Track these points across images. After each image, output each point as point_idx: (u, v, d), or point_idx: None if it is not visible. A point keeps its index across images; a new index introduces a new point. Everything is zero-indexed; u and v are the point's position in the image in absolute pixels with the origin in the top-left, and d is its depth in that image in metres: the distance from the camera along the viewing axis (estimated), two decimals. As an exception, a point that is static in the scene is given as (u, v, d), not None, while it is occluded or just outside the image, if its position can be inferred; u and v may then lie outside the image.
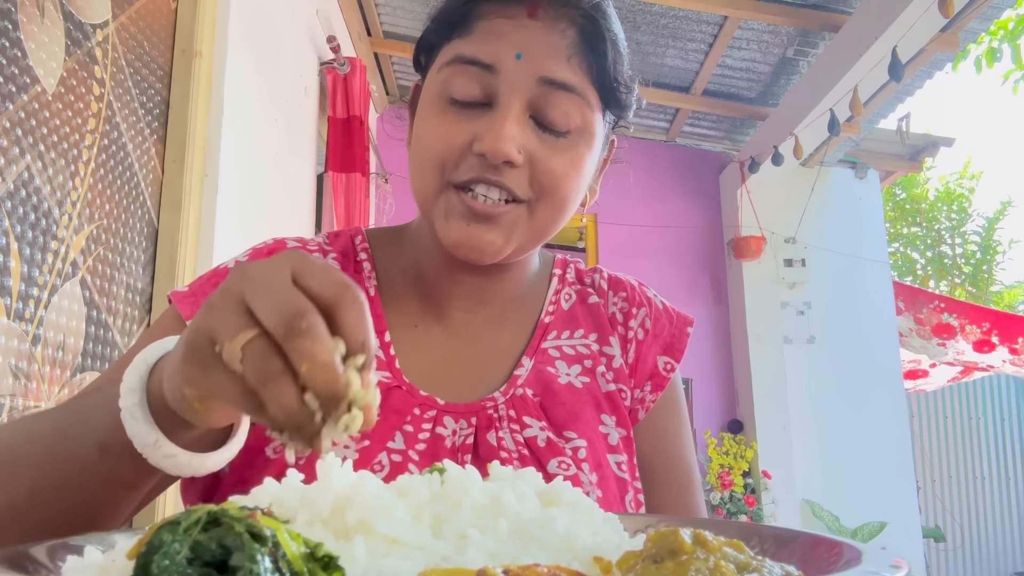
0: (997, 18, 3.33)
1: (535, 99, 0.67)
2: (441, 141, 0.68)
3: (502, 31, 0.67)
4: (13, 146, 1.20)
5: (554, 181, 0.68)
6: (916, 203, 9.42)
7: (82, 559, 0.34)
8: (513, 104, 0.66)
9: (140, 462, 0.51)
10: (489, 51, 0.67)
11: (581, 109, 0.68)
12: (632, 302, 0.83)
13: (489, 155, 0.65)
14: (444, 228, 0.68)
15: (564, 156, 0.68)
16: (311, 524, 0.35)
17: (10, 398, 1.19)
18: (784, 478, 4.33)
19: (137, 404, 0.50)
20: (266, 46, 2.32)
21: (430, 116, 0.69)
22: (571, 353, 0.79)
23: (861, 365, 4.47)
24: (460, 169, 0.67)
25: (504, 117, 0.66)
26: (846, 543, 0.37)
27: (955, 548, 6.82)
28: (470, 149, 0.67)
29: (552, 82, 0.66)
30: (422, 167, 0.70)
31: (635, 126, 0.82)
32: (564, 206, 0.70)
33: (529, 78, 0.66)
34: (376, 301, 0.77)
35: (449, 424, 0.71)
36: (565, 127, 0.68)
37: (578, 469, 0.70)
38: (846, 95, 3.42)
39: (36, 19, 1.26)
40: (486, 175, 0.66)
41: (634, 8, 3.75)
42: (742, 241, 4.52)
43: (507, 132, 0.65)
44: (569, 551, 0.37)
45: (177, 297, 0.72)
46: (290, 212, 2.66)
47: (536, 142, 0.67)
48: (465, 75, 0.67)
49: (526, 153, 0.67)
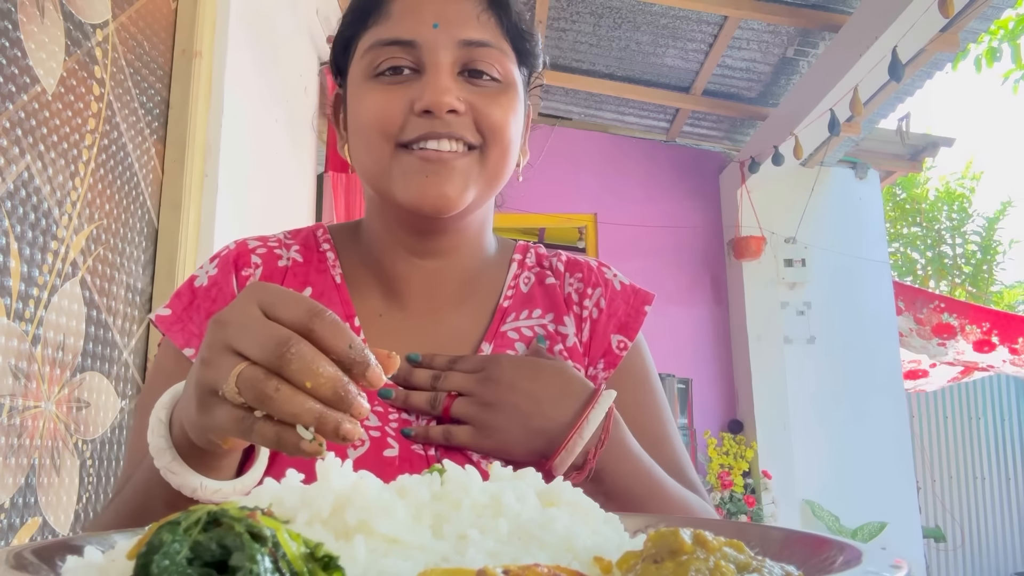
0: (997, 18, 3.33)
1: (459, 59, 0.71)
2: (382, 110, 0.71)
3: (415, 7, 0.72)
4: (13, 146, 1.20)
5: (498, 123, 0.72)
6: (916, 203, 9.42)
7: (82, 559, 0.34)
8: (441, 62, 0.71)
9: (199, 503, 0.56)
10: (407, 28, 0.71)
11: (500, 60, 0.73)
12: (587, 282, 0.85)
13: (433, 107, 0.69)
14: (403, 187, 0.71)
15: (500, 101, 0.73)
16: (311, 524, 0.35)
17: (10, 398, 1.19)
18: (784, 478, 4.33)
19: (171, 460, 0.55)
20: (266, 46, 2.32)
21: (364, 95, 0.72)
22: (528, 334, 0.81)
23: (861, 365, 4.47)
24: (406, 130, 0.70)
25: (437, 74, 0.70)
26: (846, 543, 0.37)
27: (955, 548, 6.82)
28: (411, 111, 0.70)
29: (470, 42, 0.71)
30: (367, 140, 0.72)
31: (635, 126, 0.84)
32: (509, 150, 0.74)
33: (449, 42, 0.71)
34: (343, 288, 0.79)
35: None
36: (493, 76, 0.73)
37: None
38: (846, 95, 3.42)
39: (36, 19, 1.26)
40: (434, 129, 0.70)
41: (634, 8, 3.75)
42: (742, 241, 4.52)
43: (443, 84, 0.69)
44: (569, 551, 0.37)
45: (165, 324, 0.75)
46: (290, 212, 2.66)
47: (472, 93, 0.72)
48: (388, 54, 0.71)
49: (466, 103, 0.71)
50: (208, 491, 0.56)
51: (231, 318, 0.48)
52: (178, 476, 0.55)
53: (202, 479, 0.56)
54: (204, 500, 0.56)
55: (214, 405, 0.48)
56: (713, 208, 4.95)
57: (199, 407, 0.49)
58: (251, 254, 0.80)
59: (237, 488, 0.58)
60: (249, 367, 0.45)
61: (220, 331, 0.48)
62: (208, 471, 0.56)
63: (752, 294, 4.57)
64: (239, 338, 0.46)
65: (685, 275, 4.81)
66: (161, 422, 0.56)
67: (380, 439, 0.71)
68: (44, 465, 1.28)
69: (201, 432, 0.51)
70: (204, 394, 0.48)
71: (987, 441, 7.16)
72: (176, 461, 0.55)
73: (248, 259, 0.79)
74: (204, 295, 0.76)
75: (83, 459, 1.39)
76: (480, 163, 0.72)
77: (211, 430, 0.50)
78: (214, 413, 0.48)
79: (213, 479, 0.57)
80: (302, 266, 0.80)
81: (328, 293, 0.78)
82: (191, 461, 0.56)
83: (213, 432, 0.50)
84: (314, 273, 0.80)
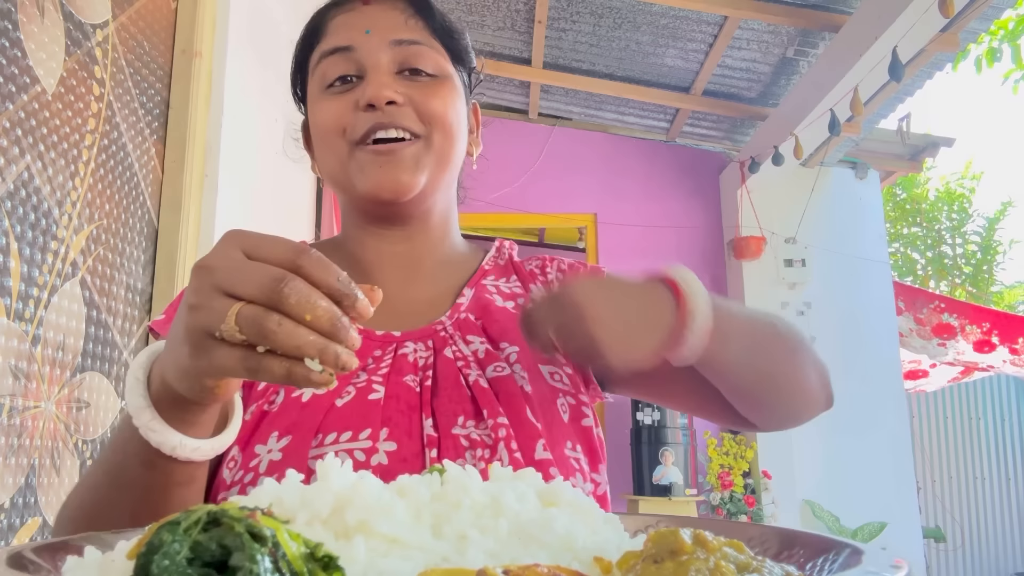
0: (997, 18, 3.33)
1: (395, 58, 0.79)
2: (333, 114, 0.78)
3: (349, 21, 0.81)
4: (13, 146, 1.20)
5: (438, 112, 0.79)
6: (916, 203, 9.42)
7: (82, 559, 0.34)
8: (379, 63, 0.78)
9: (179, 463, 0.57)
10: (343, 37, 0.80)
11: (433, 57, 0.81)
12: (544, 260, 0.95)
13: (374, 100, 0.76)
14: (362, 179, 0.78)
15: (438, 92, 0.80)
16: (311, 524, 0.35)
17: (10, 398, 1.19)
18: (784, 478, 4.33)
19: (151, 419, 0.55)
20: (266, 46, 2.32)
21: (319, 106, 0.80)
22: (506, 291, 0.89)
23: (861, 365, 4.47)
24: (356, 127, 0.77)
25: (375, 71, 0.78)
26: (846, 543, 0.37)
27: (955, 548, 6.81)
28: (357, 108, 0.77)
29: (401, 41, 0.79)
30: (327, 143, 0.80)
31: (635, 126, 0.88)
32: (453, 136, 0.81)
33: (382, 44, 0.79)
34: None
35: (410, 346, 0.80)
36: (428, 72, 0.80)
37: (511, 369, 0.78)
38: (846, 95, 3.42)
39: (36, 19, 1.26)
40: (379, 121, 0.76)
41: (634, 8, 3.75)
42: (742, 241, 4.52)
43: (381, 79, 0.77)
44: (569, 551, 0.37)
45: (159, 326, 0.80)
46: (290, 212, 2.66)
47: (410, 87, 0.79)
48: (331, 63, 0.80)
49: (405, 96, 0.78)
50: (187, 448, 0.56)
51: (216, 263, 0.48)
52: (157, 434, 0.55)
53: (181, 437, 0.55)
54: (183, 458, 0.56)
55: (211, 347, 0.47)
56: (713, 208, 4.95)
57: (193, 352, 0.49)
58: None
59: (215, 446, 0.58)
60: (247, 305, 0.46)
61: (208, 276, 0.48)
62: (188, 427, 0.56)
63: (752, 294, 4.57)
64: (230, 280, 0.47)
65: (685, 275, 4.81)
66: (139, 381, 0.56)
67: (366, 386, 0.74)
68: (44, 465, 1.28)
69: (196, 378, 0.51)
70: (199, 337, 0.48)
71: (987, 441, 7.16)
72: (156, 419, 0.55)
73: None
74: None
75: (83, 459, 1.39)
76: (426, 149, 0.79)
77: (209, 373, 0.49)
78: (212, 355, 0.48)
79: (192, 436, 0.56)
80: None
81: None
82: (170, 419, 0.55)
83: (211, 374, 0.50)
84: None
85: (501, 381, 0.77)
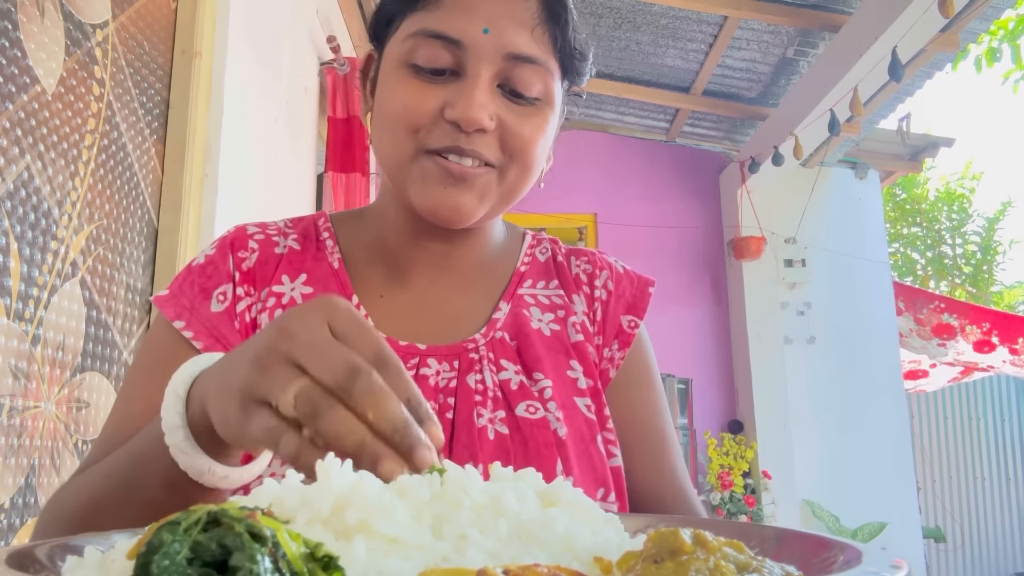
0: (997, 18, 3.33)
1: (502, 71, 0.69)
2: (412, 107, 0.69)
3: (468, 4, 0.68)
4: (13, 146, 1.20)
5: (523, 145, 0.71)
6: (916, 203, 9.42)
7: (82, 559, 0.34)
8: (482, 74, 0.68)
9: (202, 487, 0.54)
10: (456, 27, 0.68)
11: (544, 79, 0.71)
12: (595, 264, 0.87)
13: (463, 123, 0.67)
14: (420, 193, 0.70)
15: (532, 121, 0.71)
16: (311, 524, 0.35)
17: (10, 398, 1.19)
18: (784, 478, 4.33)
19: (184, 439, 0.52)
20: (266, 46, 2.32)
21: (397, 83, 0.70)
22: (545, 302, 0.82)
23: (861, 365, 4.47)
24: (433, 135, 0.69)
25: (475, 85, 0.68)
26: (846, 543, 0.37)
27: (955, 548, 6.82)
28: (441, 115, 0.68)
29: (518, 56, 0.69)
30: (393, 134, 0.71)
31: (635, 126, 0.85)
32: (531, 169, 0.73)
33: (496, 52, 0.68)
34: (342, 271, 0.79)
35: (433, 365, 0.74)
36: (531, 95, 0.71)
37: (544, 409, 0.72)
38: (846, 95, 3.42)
39: (36, 19, 1.26)
40: (459, 144, 0.68)
41: (634, 8, 3.75)
42: (742, 241, 4.53)
43: (479, 100, 0.67)
44: (569, 551, 0.37)
45: (161, 302, 0.75)
46: (290, 212, 2.66)
47: (505, 109, 0.70)
48: (431, 47, 0.68)
49: (496, 120, 0.69)
50: (216, 476, 0.53)
51: (298, 331, 0.45)
52: (188, 456, 0.52)
53: (212, 463, 0.53)
54: (210, 485, 0.53)
55: (258, 413, 0.45)
56: (713, 208, 4.95)
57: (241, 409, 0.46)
58: (249, 239, 0.80)
59: (244, 476, 0.56)
60: (311, 385, 0.43)
61: (284, 341, 0.45)
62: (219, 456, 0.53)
63: (752, 294, 4.57)
64: (306, 355, 0.44)
65: (685, 275, 4.81)
66: (179, 397, 0.53)
67: None
68: (44, 465, 1.28)
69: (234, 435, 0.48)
70: (250, 399, 0.45)
71: (987, 441, 7.16)
72: (188, 440, 0.52)
73: (245, 243, 0.80)
74: (199, 272, 0.77)
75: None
76: (498, 181, 0.72)
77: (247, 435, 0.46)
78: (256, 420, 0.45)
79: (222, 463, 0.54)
80: (299, 254, 0.81)
81: (325, 279, 0.79)
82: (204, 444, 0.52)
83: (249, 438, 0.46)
84: (310, 261, 0.80)
85: (533, 426, 0.71)
